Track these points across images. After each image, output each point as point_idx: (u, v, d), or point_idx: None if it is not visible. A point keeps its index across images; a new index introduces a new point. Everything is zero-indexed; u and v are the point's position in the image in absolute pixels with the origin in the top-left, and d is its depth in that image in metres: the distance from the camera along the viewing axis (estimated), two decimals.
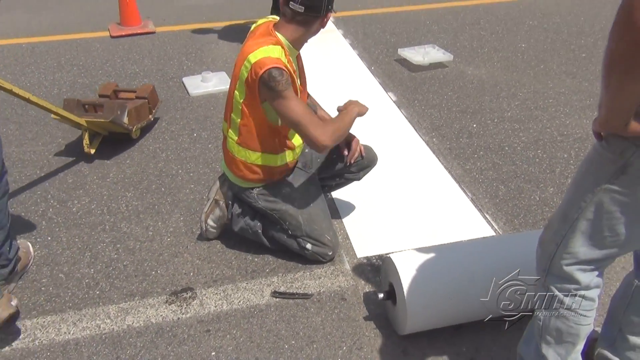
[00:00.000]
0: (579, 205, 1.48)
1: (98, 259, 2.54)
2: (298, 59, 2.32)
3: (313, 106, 2.61)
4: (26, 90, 3.52)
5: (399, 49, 4.73)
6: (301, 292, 2.34)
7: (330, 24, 5.49)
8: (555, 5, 6.06)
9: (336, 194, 2.94)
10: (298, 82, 2.25)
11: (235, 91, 2.19)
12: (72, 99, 3.39)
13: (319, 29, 2.21)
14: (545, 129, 3.59)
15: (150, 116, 3.54)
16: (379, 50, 4.91)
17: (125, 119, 3.33)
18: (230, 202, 2.50)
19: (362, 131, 3.56)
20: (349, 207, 2.86)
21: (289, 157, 2.36)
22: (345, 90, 4.13)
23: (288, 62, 2.13)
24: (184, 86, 4.25)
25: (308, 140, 2.12)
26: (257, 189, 2.36)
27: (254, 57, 2.06)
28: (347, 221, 2.76)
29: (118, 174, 3.19)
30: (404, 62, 4.62)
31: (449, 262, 2.05)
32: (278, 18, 2.23)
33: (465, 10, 5.98)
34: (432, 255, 2.07)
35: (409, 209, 2.84)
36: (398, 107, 3.88)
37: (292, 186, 2.40)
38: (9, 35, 5.40)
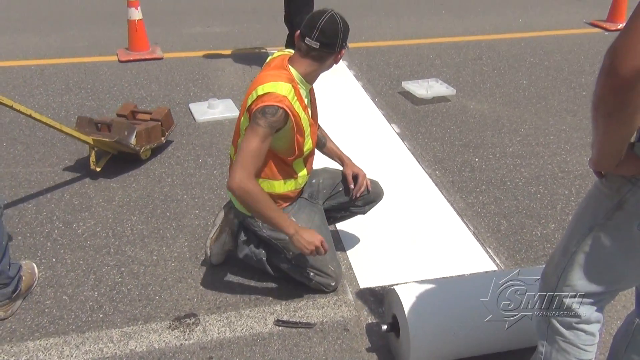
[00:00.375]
0: (578, 239, 1.52)
1: (102, 282, 2.55)
2: (311, 92, 2.37)
3: (323, 138, 2.66)
4: (35, 111, 3.57)
5: (402, 82, 4.81)
6: (304, 321, 2.35)
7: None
8: (556, 44, 6.18)
9: (340, 224, 2.97)
10: (309, 115, 2.30)
11: (242, 118, 2.23)
12: (85, 117, 3.46)
13: (332, 65, 2.26)
14: (547, 165, 3.64)
15: (162, 138, 3.58)
16: (383, 82, 4.99)
17: (133, 140, 3.37)
18: (236, 229, 2.52)
19: (366, 162, 3.61)
20: (353, 238, 2.89)
21: (290, 185, 2.39)
22: (349, 120, 4.19)
23: (298, 98, 2.17)
24: (191, 112, 4.31)
25: (230, 170, 2.16)
26: None
27: (262, 89, 2.10)
28: (351, 251, 2.78)
29: (124, 197, 3.21)
30: (408, 95, 4.70)
31: (453, 296, 2.07)
32: (293, 52, 2.28)
33: (468, 45, 6.09)
34: (436, 288, 2.09)
35: (412, 241, 2.87)
36: (401, 139, 3.93)
37: (297, 216, 2.42)
38: (18, 57, 5.48)
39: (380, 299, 2.47)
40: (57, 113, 4.25)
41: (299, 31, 2.20)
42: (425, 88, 4.65)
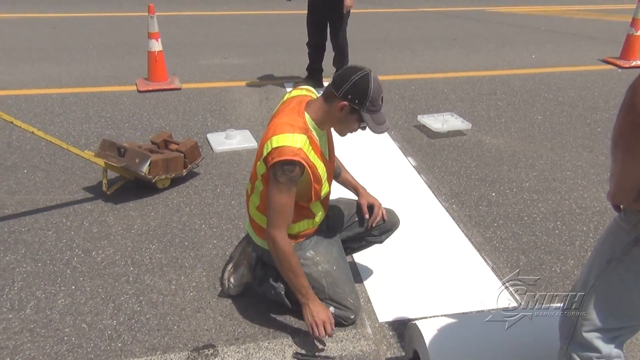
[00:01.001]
0: (597, 273, 1.53)
1: (121, 310, 2.55)
2: (327, 132, 2.37)
3: (338, 168, 2.67)
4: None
5: (418, 116, 4.85)
6: (323, 355, 2.33)
7: None
8: (570, 80, 6.22)
9: (358, 257, 2.97)
10: (326, 159, 2.30)
11: (258, 163, 2.23)
12: (108, 140, 3.55)
13: (339, 114, 2.17)
14: (564, 201, 3.63)
15: (184, 171, 3.61)
16: (399, 116, 5.03)
17: (145, 169, 3.42)
18: (254, 262, 2.53)
19: (383, 194, 3.62)
20: (371, 271, 2.88)
21: (308, 224, 2.40)
22: (365, 153, 4.22)
23: (313, 147, 2.17)
24: (208, 142, 4.36)
25: (267, 225, 2.22)
26: None
27: (277, 141, 2.08)
28: (369, 285, 2.77)
29: (142, 225, 3.24)
30: (423, 129, 4.73)
31: (475, 332, 2.05)
32: (311, 89, 2.31)
33: (482, 80, 6.15)
34: (457, 323, 2.07)
35: (430, 275, 2.86)
36: (418, 172, 3.95)
37: (315, 249, 2.42)
38: (39, 86, 5.59)
39: (399, 333, 2.45)
40: (77, 141, 4.31)
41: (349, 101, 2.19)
42: (441, 122, 4.69)
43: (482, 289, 2.76)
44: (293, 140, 2.08)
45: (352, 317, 2.45)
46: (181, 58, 6.69)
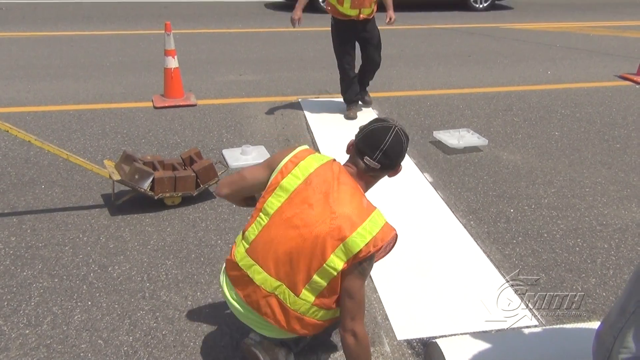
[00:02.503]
0: (637, 299, 1.47)
1: (137, 326, 2.53)
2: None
3: None
4: (73, 154, 3.66)
5: (434, 132, 4.83)
6: None
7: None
8: (587, 96, 6.17)
9: (375, 273, 2.93)
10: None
11: (332, 257, 1.91)
12: (129, 153, 3.62)
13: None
14: (584, 218, 3.57)
15: (195, 191, 3.60)
16: (414, 132, 5.01)
17: (147, 186, 3.44)
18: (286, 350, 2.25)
19: (400, 210, 3.60)
20: (389, 288, 2.84)
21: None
22: None
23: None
24: (224, 158, 4.36)
25: (345, 320, 1.99)
26: None
27: (369, 232, 1.91)
28: (386, 302, 2.73)
29: (159, 241, 3.23)
30: (439, 145, 4.70)
31: (499, 352, 2.01)
32: (332, 159, 2.13)
33: (498, 96, 6.12)
34: (479, 342, 2.04)
35: (450, 293, 2.81)
36: (434, 188, 3.91)
37: None
38: (57, 102, 5.64)
39: (418, 352, 2.41)
40: (94, 157, 4.34)
41: (353, 143, 2.07)
42: (457, 138, 4.66)
43: (503, 307, 2.71)
44: (379, 217, 1.97)
45: None
46: (197, 75, 6.74)
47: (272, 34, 9.47)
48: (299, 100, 5.84)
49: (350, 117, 5.26)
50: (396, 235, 2.00)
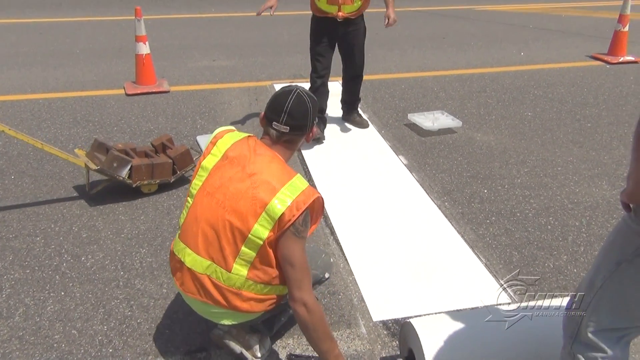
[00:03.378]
0: (605, 274, 1.50)
1: (112, 315, 2.51)
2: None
3: None
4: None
5: (408, 114, 4.84)
6: (317, 355, 2.30)
7: (339, 88, 5.64)
8: (559, 76, 6.24)
9: (350, 255, 2.95)
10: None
11: (256, 227, 1.90)
12: (101, 141, 3.55)
13: (302, 145, 2.16)
14: (556, 197, 3.62)
15: (172, 177, 3.57)
16: (389, 115, 5.02)
17: (125, 173, 3.41)
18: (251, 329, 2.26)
19: (375, 193, 3.61)
20: (364, 270, 2.86)
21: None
22: (357, 152, 4.20)
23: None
24: (198, 144, 4.32)
25: (292, 291, 1.95)
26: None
27: (289, 195, 1.90)
28: (362, 284, 2.75)
29: (132, 229, 3.20)
30: (414, 127, 4.72)
31: (472, 330, 2.03)
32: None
33: (472, 78, 6.16)
34: (453, 321, 2.05)
35: (424, 273, 2.84)
36: (409, 170, 3.93)
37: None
38: (26, 91, 5.53)
39: (393, 332, 2.43)
40: (65, 146, 4.26)
41: (263, 113, 2.06)
42: (432, 120, 4.68)
43: (476, 286, 2.75)
44: (300, 182, 1.96)
45: (327, 276, 2.38)
46: (169, 61, 6.65)
47: (245, 18, 9.37)
48: (274, 85, 5.80)
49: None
50: (320, 198, 2.00)
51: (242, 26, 8.75)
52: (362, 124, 4.67)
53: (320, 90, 4.35)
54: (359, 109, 4.78)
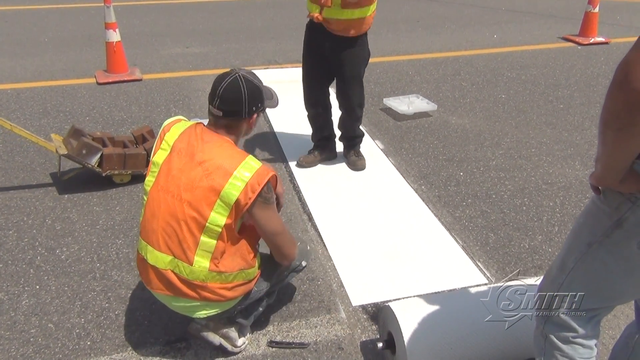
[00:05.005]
0: (576, 255, 1.52)
1: (89, 308, 2.48)
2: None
3: None
4: (13, 136, 3.55)
5: (384, 99, 4.84)
6: (297, 341, 2.31)
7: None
8: (532, 58, 6.29)
9: (329, 242, 2.95)
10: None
11: (213, 215, 1.90)
12: (77, 128, 3.52)
13: (250, 130, 2.14)
14: (530, 178, 3.67)
15: (144, 169, 3.50)
16: None
17: (94, 161, 3.36)
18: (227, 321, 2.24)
19: (352, 178, 3.62)
20: (343, 256, 2.87)
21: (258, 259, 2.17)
22: None
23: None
24: None
25: (281, 251, 2.11)
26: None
27: (245, 174, 1.91)
28: (341, 270, 2.76)
29: (107, 220, 3.16)
30: (389, 111, 4.72)
31: (449, 311, 2.06)
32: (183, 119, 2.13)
33: (446, 61, 6.18)
34: (431, 303, 2.08)
35: (402, 257, 2.86)
36: (386, 155, 3.94)
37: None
38: None
39: (373, 316, 2.45)
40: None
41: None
42: (407, 104, 4.69)
43: (453, 268, 2.78)
44: (254, 162, 1.96)
45: (304, 263, 2.36)
46: (141, 48, 6.54)
47: (218, 4, 9.25)
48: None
49: (300, 163, 3.76)
50: (275, 176, 2.01)
51: (215, 12, 8.63)
52: (355, 165, 3.75)
53: (316, 121, 3.75)
54: (359, 148, 3.85)
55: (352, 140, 3.80)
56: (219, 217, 1.90)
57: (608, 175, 1.33)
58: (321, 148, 3.83)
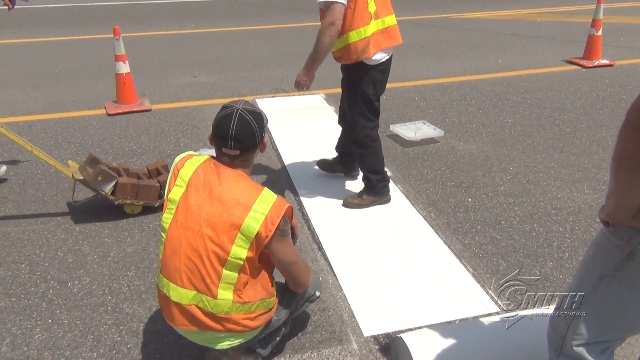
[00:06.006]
0: (587, 288, 1.52)
1: (101, 342, 2.49)
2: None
3: None
4: (25, 168, 3.59)
5: (390, 125, 4.88)
6: None
7: (322, 101, 5.68)
8: (537, 82, 6.33)
9: (339, 271, 2.96)
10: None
11: (234, 249, 1.93)
12: (95, 156, 3.57)
13: (263, 151, 2.18)
14: (539, 203, 3.67)
15: (157, 201, 3.53)
16: None
17: (108, 189, 3.41)
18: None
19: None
20: (353, 285, 2.87)
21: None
22: None
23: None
24: None
25: (298, 281, 2.17)
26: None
27: (261, 211, 1.95)
28: (352, 299, 2.76)
29: (119, 252, 3.18)
30: (396, 138, 4.75)
31: (462, 343, 2.05)
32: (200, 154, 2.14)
33: (452, 86, 6.22)
34: (443, 335, 2.07)
35: (413, 285, 2.85)
36: (394, 182, 3.96)
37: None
38: (5, 114, 5.47)
39: (385, 347, 2.44)
40: (47, 169, 4.22)
41: (211, 135, 2.06)
42: (414, 130, 4.72)
43: (465, 296, 2.77)
44: (270, 195, 2.01)
45: (318, 294, 2.39)
46: (150, 79, 6.63)
47: (225, 33, 9.38)
48: (255, 100, 5.81)
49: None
50: (290, 207, 2.05)
51: (222, 41, 8.76)
52: (350, 204, 3.64)
53: (340, 136, 3.93)
54: (363, 193, 3.66)
55: (366, 179, 3.62)
56: (240, 251, 1.93)
57: (620, 212, 1.34)
58: (340, 161, 3.99)
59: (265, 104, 5.60)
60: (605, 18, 6.99)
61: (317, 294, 2.36)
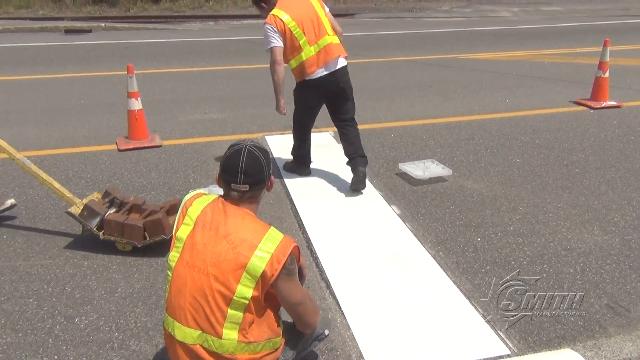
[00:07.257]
0: None
1: None
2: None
3: None
4: (35, 202, 3.62)
5: (399, 164, 4.90)
6: None
7: (330, 138, 5.73)
8: (545, 122, 6.36)
9: (347, 310, 2.93)
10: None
11: (239, 288, 1.94)
12: (109, 190, 3.75)
13: (270, 189, 2.22)
14: (549, 243, 3.65)
15: (140, 242, 3.46)
16: (379, 164, 5.08)
17: (94, 224, 3.48)
18: None
19: (369, 243, 3.62)
20: (361, 324, 2.84)
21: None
22: (348, 202, 4.22)
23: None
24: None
25: (304, 319, 2.16)
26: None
27: (267, 250, 1.97)
28: (360, 339, 2.73)
29: (126, 288, 3.17)
30: (405, 176, 4.77)
31: None
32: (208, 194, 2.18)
33: (460, 125, 6.26)
34: None
35: (422, 326, 2.82)
36: (402, 220, 3.95)
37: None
38: (18, 149, 5.47)
39: None
40: (58, 204, 4.25)
41: (218, 175, 2.11)
42: (422, 169, 4.74)
43: (475, 338, 2.73)
44: (276, 234, 2.03)
45: (327, 332, 2.40)
46: (161, 115, 6.72)
47: (235, 71, 9.53)
48: (265, 136, 5.87)
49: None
50: (296, 246, 2.06)
51: (232, 79, 8.89)
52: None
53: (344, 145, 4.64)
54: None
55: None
56: (246, 290, 1.93)
57: None
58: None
59: (275, 141, 5.66)
60: (611, 60, 7.06)
61: (326, 332, 2.34)
